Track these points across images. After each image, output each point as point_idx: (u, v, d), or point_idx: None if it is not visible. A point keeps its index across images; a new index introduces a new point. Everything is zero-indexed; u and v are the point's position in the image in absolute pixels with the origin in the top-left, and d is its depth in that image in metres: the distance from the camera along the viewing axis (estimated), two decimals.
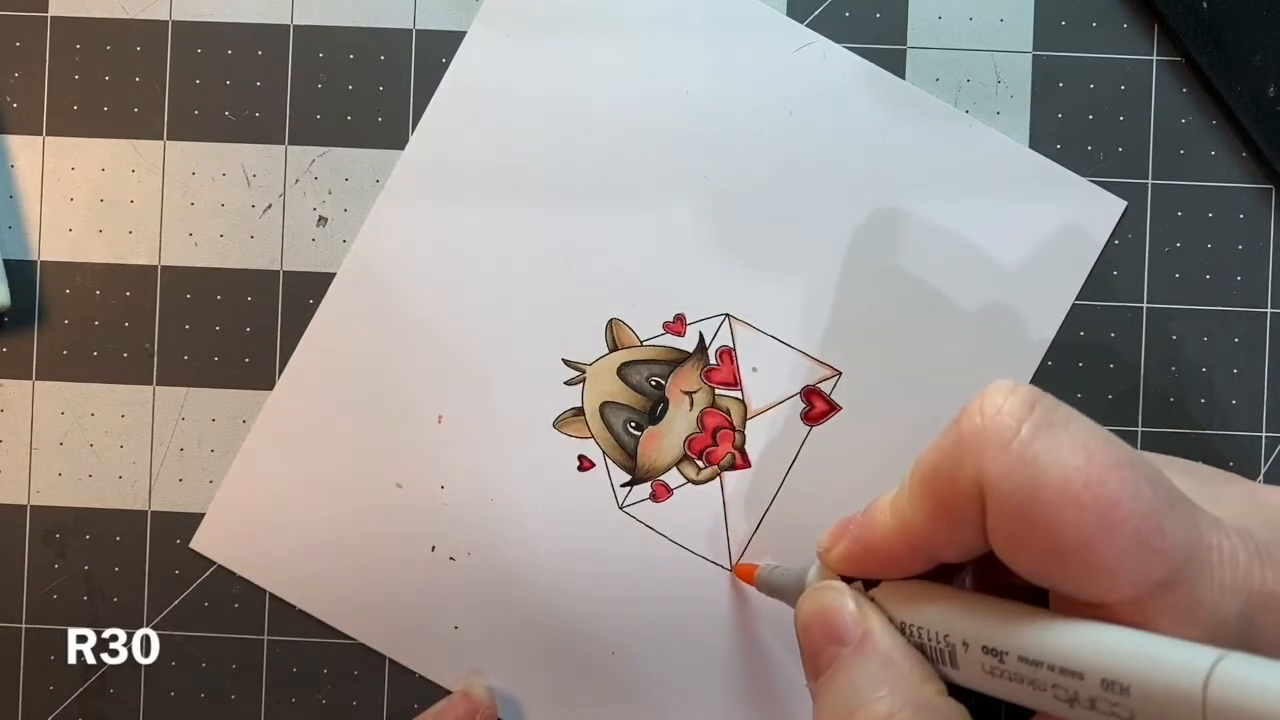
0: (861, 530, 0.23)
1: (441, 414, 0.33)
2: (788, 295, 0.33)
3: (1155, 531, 0.19)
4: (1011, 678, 0.20)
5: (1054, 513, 0.19)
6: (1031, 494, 0.19)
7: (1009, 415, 0.19)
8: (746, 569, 0.31)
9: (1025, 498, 0.19)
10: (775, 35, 0.33)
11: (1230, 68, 0.31)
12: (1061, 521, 0.19)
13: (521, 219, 0.33)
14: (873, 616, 0.23)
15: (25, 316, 0.34)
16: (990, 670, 0.20)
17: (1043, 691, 0.19)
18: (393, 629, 0.33)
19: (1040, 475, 0.19)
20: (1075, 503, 0.19)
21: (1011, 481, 0.19)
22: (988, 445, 0.19)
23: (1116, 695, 0.18)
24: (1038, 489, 0.19)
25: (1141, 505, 0.19)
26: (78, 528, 0.33)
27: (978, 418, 0.20)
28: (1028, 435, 0.19)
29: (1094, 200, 0.32)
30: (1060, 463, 0.19)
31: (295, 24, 0.34)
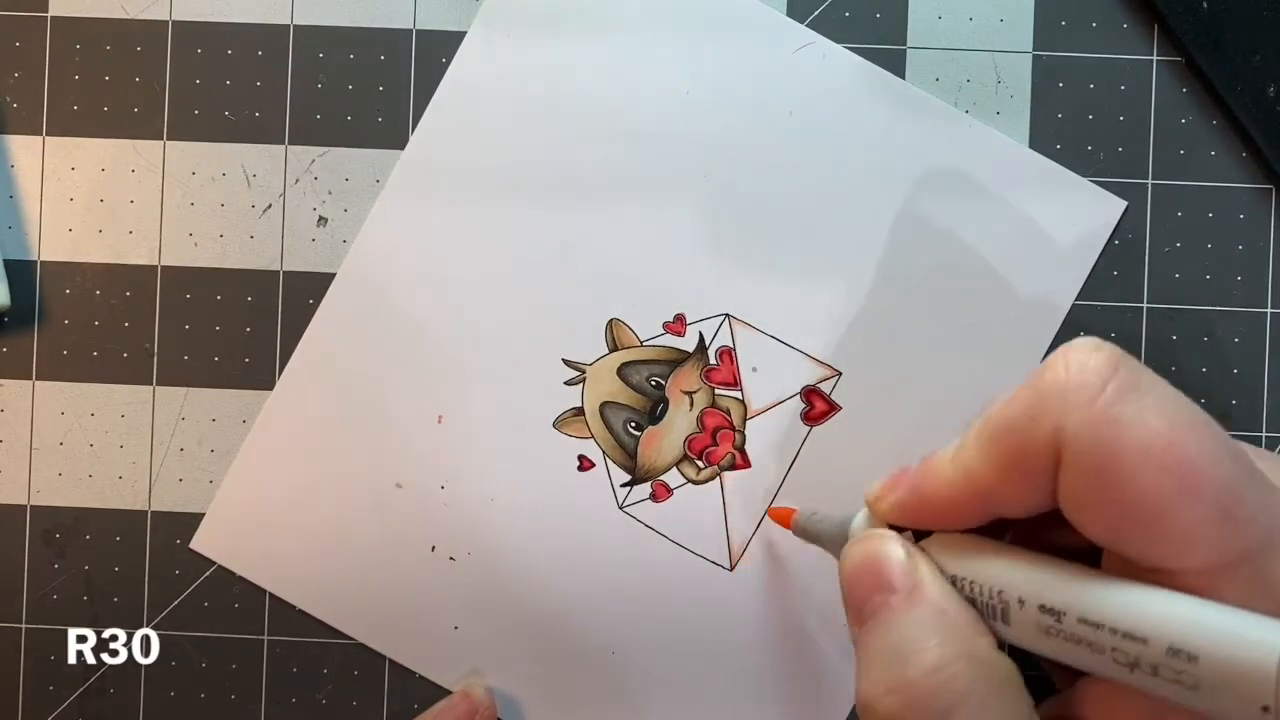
0: (920, 480, 0.23)
1: (441, 414, 0.33)
2: (788, 295, 0.33)
3: (1235, 501, 0.18)
4: (1068, 638, 0.20)
5: (1133, 473, 0.18)
6: (1111, 452, 0.19)
7: (1094, 373, 0.19)
8: (783, 512, 0.30)
9: (1105, 456, 0.19)
10: (775, 35, 0.33)
11: (1230, 68, 0.31)
12: (1140, 483, 0.18)
13: (521, 219, 0.33)
14: (924, 567, 0.22)
15: (25, 316, 0.34)
16: (1046, 630, 0.20)
17: (1100, 654, 0.19)
18: (393, 629, 0.33)
19: (1122, 434, 0.19)
20: (1156, 465, 0.18)
21: (1092, 438, 0.19)
22: (1070, 400, 0.19)
23: (1183, 663, 0.18)
24: (1119, 448, 0.19)
25: (1222, 474, 0.18)
26: (78, 528, 0.33)
27: (1062, 372, 0.20)
28: (1113, 394, 0.19)
29: (1094, 200, 0.32)
30: (1144, 424, 0.19)
31: (295, 24, 0.34)
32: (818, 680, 0.32)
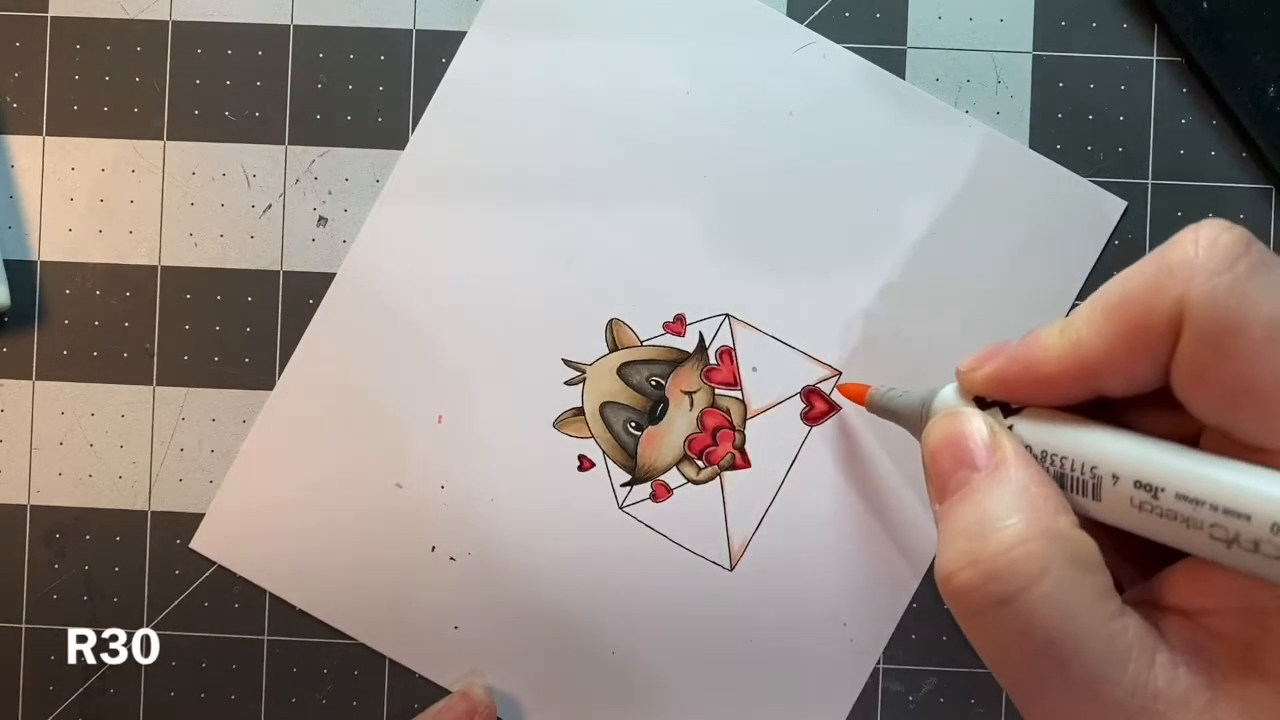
0: (1023, 350, 0.22)
1: (441, 414, 0.33)
2: (788, 295, 0.33)
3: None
4: (1164, 514, 0.20)
5: (1256, 348, 0.19)
6: (1235, 326, 0.19)
7: (1224, 249, 0.19)
8: (856, 388, 0.30)
9: (1228, 329, 0.19)
10: (775, 35, 0.33)
11: (1230, 68, 0.31)
12: (1261, 360, 0.18)
13: (521, 219, 0.33)
14: (1008, 444, 0.22)
15: (25, 316, 0.34)
16: (1140, 505, 0.20)
17: (1198, 530, 0.19)
18: (393, 629, 0.33)
19: (1249, 308, 0.19)
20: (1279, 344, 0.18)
21: (1218, 310, 0.19)
22: (1198, 272, 0.19)
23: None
24: (1243, 322, 0.19)
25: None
26: (78, 528, 0.33)
27: (1190, 247, 0.20)
28: (1243, 270, 0.19)
29: (1094, 200, 0.32)
30: (1271, 302, 0.19)
31: (295, 24, 0.34)
32: (818, 679, 0.32)
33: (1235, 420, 0.19)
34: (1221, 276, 0.19)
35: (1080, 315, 0.21)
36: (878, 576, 0.32)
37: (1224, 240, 0.19)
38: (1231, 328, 0.19)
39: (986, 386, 0.23)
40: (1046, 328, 0.22)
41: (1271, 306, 0.19)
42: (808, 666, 0.32)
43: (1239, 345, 0.19)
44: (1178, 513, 0.19)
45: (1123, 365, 0.21)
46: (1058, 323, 0.22)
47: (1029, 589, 0.20)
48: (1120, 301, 0.20)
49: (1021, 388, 0.23)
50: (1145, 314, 0.20)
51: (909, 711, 0.32)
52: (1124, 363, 0.21)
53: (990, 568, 0.20)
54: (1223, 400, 0.19)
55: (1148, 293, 0.20)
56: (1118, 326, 0.20)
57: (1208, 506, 0.19)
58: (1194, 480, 0.19)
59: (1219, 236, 0.19)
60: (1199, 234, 0.20)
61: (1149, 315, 0.20)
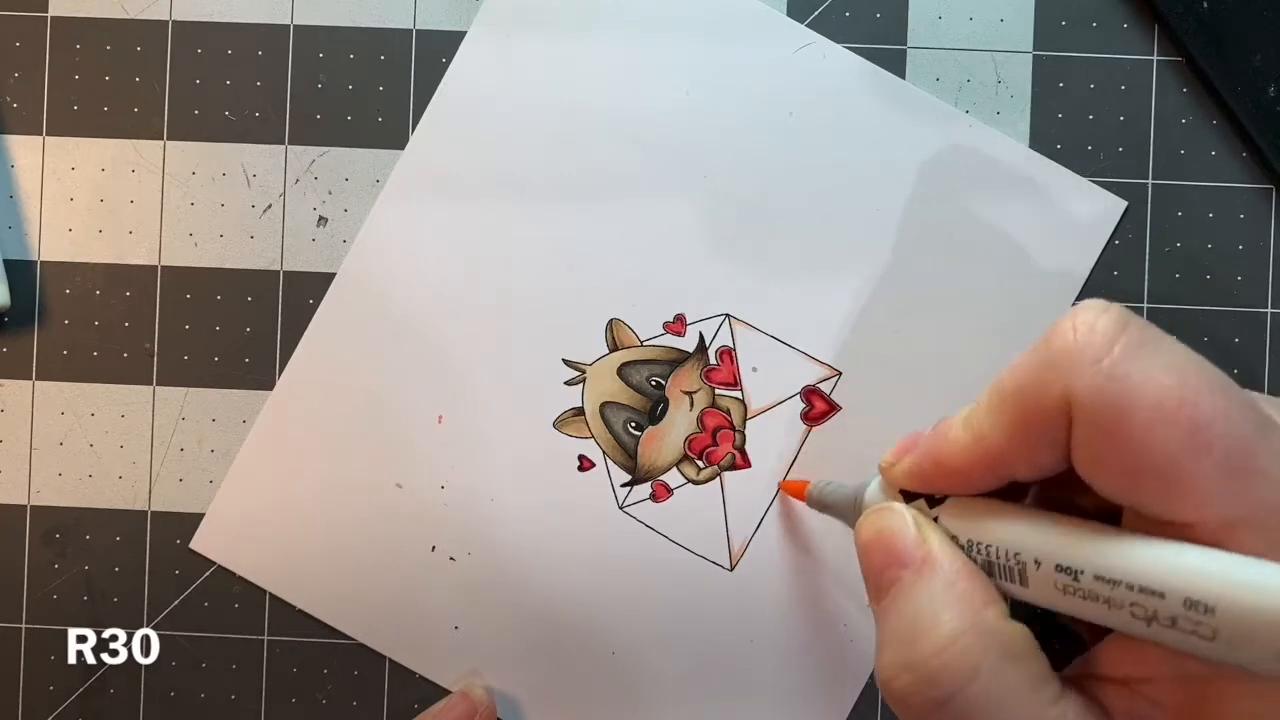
0: (932, 445, 0.23)
1: (441, 414, 0.33)
2: (788, 295, 0.33)
3: (1246, 455, 0.19)
4: (1086, 596, 0.20)
5: (1144, 431, 0.19)
6: (1122, 411, 0.19)
7: (1102, 333, 0.19)
8: (796, 485, 0.30)
9: (1115, 415, 0.19)
10: (775, 35, 0.33)
11: (1230, 68, 0.31)
12: (1151, 440, 0.19)
13: (521, 219, 0.33)
14: (934, 537, 0.22)
15: (25, 316, 0.34)
16: (1063, 588, 0.20)
17: (1119, 610, 0.19)
18: (393, 629, 0.33)
19: (1132, 393, 0.19)
20: (1167, 421, 0.18)
21: (1102, 398, 0.19)
22: (1078, 361, 0.19)
23: (1200, 614, 0.18)
24: (1128, 406, 0.19)
25: (1233, 428, 0.19)
26: (78, 528, 0.33)
27: (1070, 334, 0.20)
28: (1121, 353, 0.19)
29: (1094, 200, 0.32)
30: (1153, 381, 0.19)
31: (295, 24, 0.34)
32: (818, 679, 0.32)
33: (1139, 499, 0.20)
34: (1101, 364, 0.19)
35: (980, 407, 0.22)
36: None
37: (1100, 325, 0.20)
38: (1116, 414, 0.19)
39: (906, 481, 0.24)
40: (953, 418, 0.23)
41: (1152, 387, 0.19)
42: (808, 666, 0.32)
43: (1126, 430, 0.19)
44: (1098, 594, 0.20)
45: (1024, 454, 0.21)
46: (963, 413, 0.22)
47: (963, 689, 0.20)
48: (1013, 395, 0.21)
49: (937, 480, 0.23)
50: (1036, 406, 0.20)
51: None
52: (1025, 452, 0.21)
53: (924, 672, 0.21)
54: (1123, 481, 0.20)
55: (1036, 385, 0.20)
56: (1013, 418, 0.21)
57: (1124, 586, 0.19)
58: (1109, 561, 0.20)
59: (1095, 321, 0.20)
60: (1076, 320, 0.20)
61: (1040, 407, 0.20)
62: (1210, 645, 0.18)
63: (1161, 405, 0.19)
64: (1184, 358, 0.19)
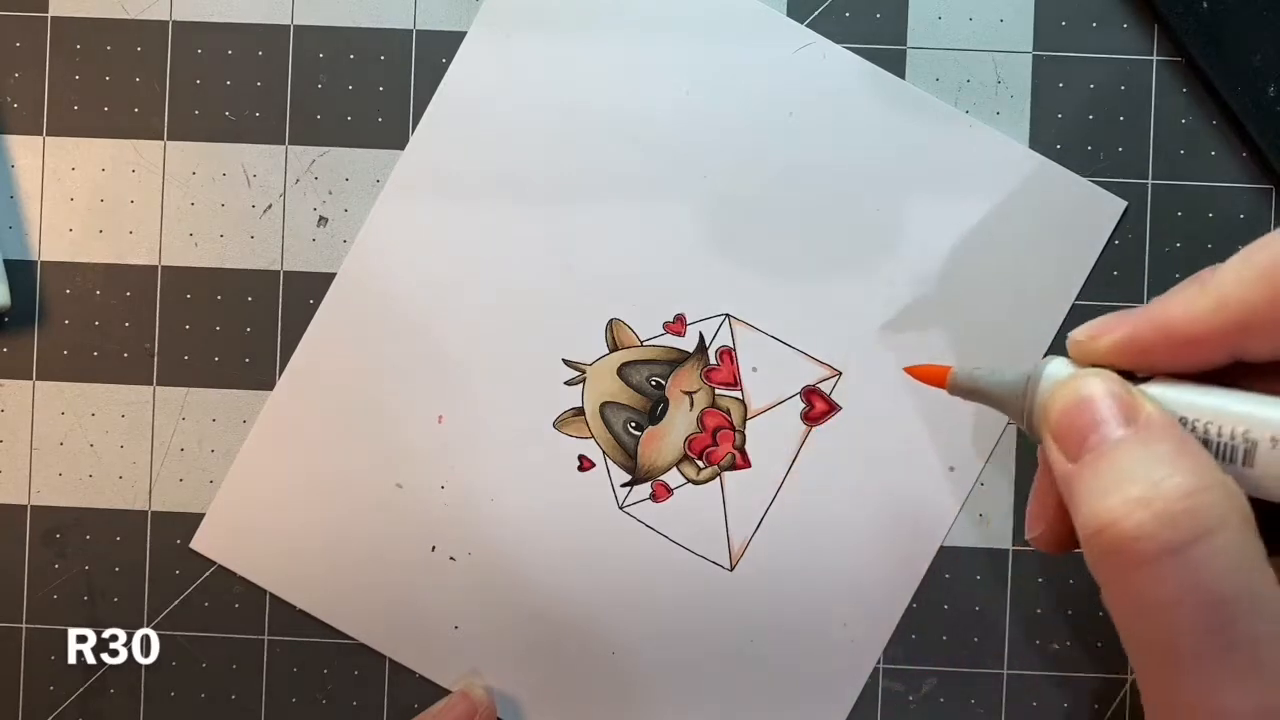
0: (1159, 313, 0.21)
1: (441, 414, 0.33)
2: (788, 295, 0.33)
3: None
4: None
5: None
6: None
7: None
8: (931, 370, 0.26)
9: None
10: (775, 35, 0.33)
11: (1230, 68, 0.31)
12: None
13: (522, 219, 0.33)
14: (1151, 405, 0.20)
15: (25, 316, 0.34)
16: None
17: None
18: (393, 629, 0.33)
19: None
20: None
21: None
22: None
23: None
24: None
25: None
26: (78, 528, 0.33)
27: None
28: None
29: (1094, 200, 0.32)
30: None
31: (295, 24, 0.34)
32: (818, 679, 0.32)
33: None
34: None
35: (1227, 275, 0.20)
36: (878, 576, 0.32)
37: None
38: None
39: (1115, 354, 0.22)
40: (1178, 290, 0.21)
41: None
42: (808, 666, 0.32)
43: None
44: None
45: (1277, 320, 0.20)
46: (1189, 287, 0.21)
47: (1205, 539, 0.18)
48: (1277, 260, 0.20)
49: (1158, 352, 0.21)
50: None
51: (909, 711, 0.32)
52: None
53: (1167, 508, 0.18)
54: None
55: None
56: (1275, 279, 0.19)
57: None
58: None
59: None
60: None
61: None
62: None
63: None
64: None
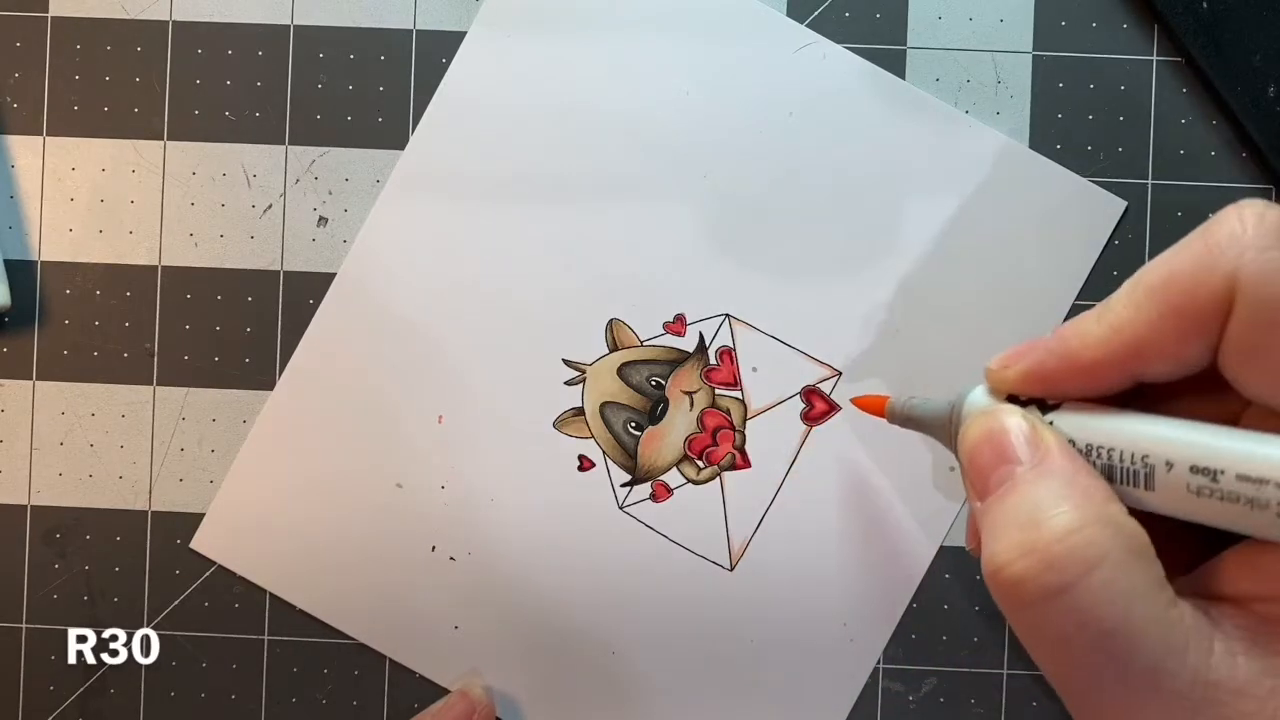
0: (1059, 342, 0.22)
1: (441, 414, 0.33)
2: (788, 295, 0.33)
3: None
4: (1225, 498, 0.19)
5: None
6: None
7: (1271, 225, 0.19)
8: (873, 400, 0.28)
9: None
10: (775, 35, 0.33)
11: (1230, 68, 0.31)
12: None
13: (521, 219, 0.33)
14: (1050, 437, 0.21)
15: (25, 316, 0.34)
16: (1198, 490, 0.19)
17: (1263, 511, 0.19)
18: (393, 629, 0.33)
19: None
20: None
21: (1271, 285, 0.18)
22: (1248, 248, 0.19)
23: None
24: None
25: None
26: (78, 528, 0.33)
27: (1238, 224, 0.19)
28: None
29: (1094, 200, 0.32)
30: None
31: (295, 24, 0.34)
32: (818, 679, 0.32)
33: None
34: (1273, 251, 0.19)
35: (1119, 300, 0.21)
36: (878, 576, 0.32)
37: (1270, 217, 0.19)
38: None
39: (1022, 383, 0.22)
40: (1079, 318, 0.22)
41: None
42: (808, 666, 0.32)
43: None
44: (1240, 494, 0.19)
45: (1170, 347, 0.20)
46: (1090, 313, 0.22)
47: (1086, 577, 0.19)
48: (1165, 281, 0.20)
49: (1060, 380, 0.22)
50: (1193, 292, 0.19)
51: (909, 711, 0.32)
52: (1171, 344, 0.20)
53: (1046, 555, 0.19)
54: (1277, 377, 0.19)
55: (1195, 270, 0.19)
56: (1163, 307, 0.20)
57: (1273, 485, 0.18)
58: (1256, 459, 0.19)
59: (1265, 213, 0.19)
60: (1243, 212, 0.19)
61: (1197, 293, 0.19)
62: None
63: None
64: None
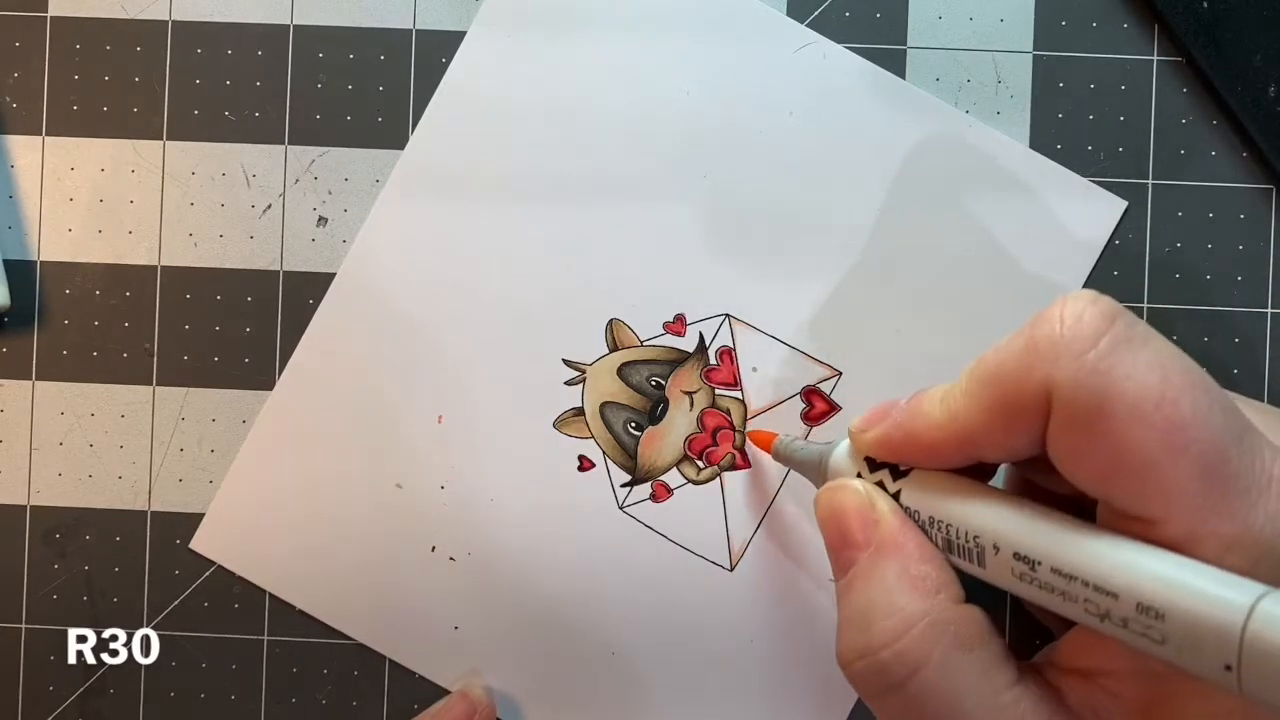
0: (906, 417, 0.23)
1: (441, 414, 0.33)
2: (788, 295, 0.33)
3: (1221, 460, 0.19)
4: (1043, 586, 0.20)
5: (1122, 428, 0.19)
6: (1101, 407, 0.19)
7: (1088, 325, 0.19)
8: (764, 436, 0.30)
9: (1094, 410, 0.19)
10: (775, 35, 0.33)
11: (1230, 68, 0.31)
12: (1128, 438, 0.19)
13: (521, 219, 0.33)
14: (890, 518, 0.23)
15: (25, 316, 0.34)
16: (1020, 575, 0.20)
17: (1073, 603, 0.19)
18: (393, 629, 0.33)
19: (1113, 389, 0.19)
20: (1145, 421, 0.18)
21: (1082, 391, 0.19)
22: (1062, 353, 0.19)
23: (1151, 619, 0.18)
24: (1108, 402, 0.19)
25: (1210, 433, 0.19)
26: (78, 528, 0.33)
27: (1056, 325, 0.20)
28: (1105, 348, 0.19)
29: (1094, 200, 0.32)
30: (1135, 379, 0.19)
31: (295, 24, 0.34)
32: (818, 679, 0.32)
33: (1111, 494, 0.20)
34: (1085, 357, 0.19)
35: (959, 386, 0.22)
36: None
37: (1088, 316, 0.19)
38: (1096, 409, 0.19)
39: (873, 449, 0.24)
40: (930, 392, 0.23)
41: (1133, 386, 0.19)
42: (808, 666, 0.32)
43: (1103, 425, 0.19)
44: (1054, 586, 0.20)
45: (998, 439, 0.21)
46: (939, 389, 0.22)
47: (915, 676, 0.21)
48: (993, 378, 0.21)
49: (905, 452, 0.23)
50: (1016, 391, 0.20)
51: None
52: (1000, 436, 0.21)
53: (875, 661, 0.21)
54: (1094, 475, 0.20)
55: (1017, 371, 0.20)
56: (991, 402, 0.21)
57: (1080, 582, 0.19)
58: (1067, 555, 0.20)
59: (1083, 312, 0.19)
60: (1065, 309, 0.20)
61: (1019, 393, 0.20)
62: (1161, 648, 0.18)
63: (1141, 404, 0.19)
64: (1169, 355, 0.19)
